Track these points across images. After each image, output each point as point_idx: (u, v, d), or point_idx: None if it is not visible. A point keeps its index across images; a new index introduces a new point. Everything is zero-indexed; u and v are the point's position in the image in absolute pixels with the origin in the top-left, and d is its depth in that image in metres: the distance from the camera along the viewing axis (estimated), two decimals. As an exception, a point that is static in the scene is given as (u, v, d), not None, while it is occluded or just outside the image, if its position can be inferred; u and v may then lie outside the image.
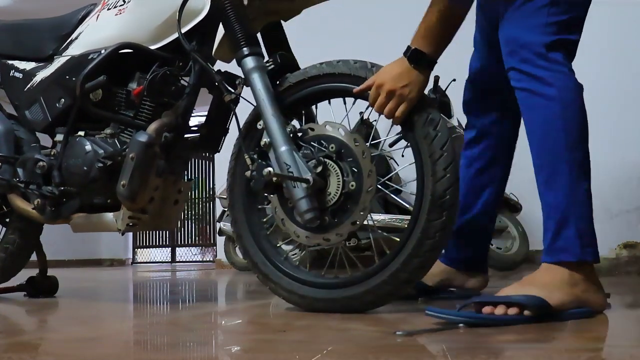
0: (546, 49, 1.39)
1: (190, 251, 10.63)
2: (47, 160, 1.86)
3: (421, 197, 1.42)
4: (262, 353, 0.99)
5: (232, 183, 1.72)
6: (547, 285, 1.31)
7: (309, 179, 1.44)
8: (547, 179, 1.39)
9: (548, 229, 1.37)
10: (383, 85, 1.46)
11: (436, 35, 1.49)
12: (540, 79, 1.38)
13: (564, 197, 1.36)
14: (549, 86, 1.38)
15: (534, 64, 1.39)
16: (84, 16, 1.94)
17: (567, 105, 1.38)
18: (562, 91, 1.37)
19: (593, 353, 0.94)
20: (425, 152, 1.42)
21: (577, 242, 1.33)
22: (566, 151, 1.37)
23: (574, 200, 1.36)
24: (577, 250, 1.33)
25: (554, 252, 1.35)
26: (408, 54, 1.48)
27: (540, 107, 1.39)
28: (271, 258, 1.65)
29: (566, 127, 1.37)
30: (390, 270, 1.45)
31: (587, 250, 1.34)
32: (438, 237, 1.41)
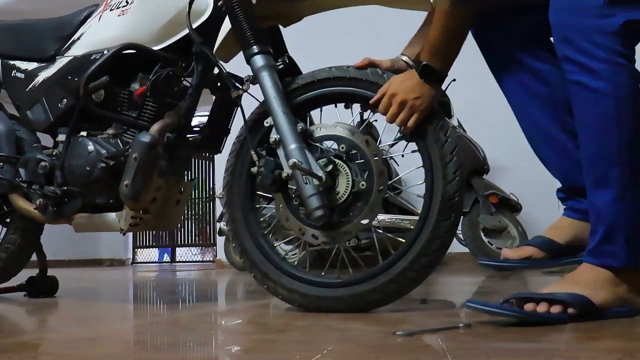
0: (604, 36, 1.24)
1: (190, 251, 10.64)
2: (49, 160, 1.86)
3: (431, 198, 1.46)
4: (262, 353, 0.99)
5: (230, 181, 1.72)
6: (590, 283, 1.27)
7: (321, 176, 1.46)
8: (597, 180, 1.29)
9: (595, 232, 1.29)
10: (396, 96, 1.47)
11: (442, 50, 1.49)
12: (594, 72, 1.25)
13: (613, 201, 1.26)
14: (603, 81, 1.24)
15: (590, 55, 1.24)
16: (87, 17, 1.95)
17: (621, 102, 1.24)
18: (618, 87, 1.24)
19: (592, 352, 0.94)
20: (436, 155, 1.47)
21: (624, 249, 1.26)
22: (619, 153, 1.25)
23: (624, 205, 1.26)
24: (622, 257, 1.26)
25: (599, 254, 1.28)
26: (419, 69, 1.48)
27: (592, 104, 1.27)
28: (270, 256, 1.65)
29: (620, 127, 1.25)
30: (397, 268, 1.47)
31: (632, 256, 1.27)
32: (446, 237, 1.45)
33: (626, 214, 1.26)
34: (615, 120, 1.25)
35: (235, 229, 1.70)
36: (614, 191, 1.25)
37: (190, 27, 1.62)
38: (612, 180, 1.25)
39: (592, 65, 1.24)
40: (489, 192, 3.95)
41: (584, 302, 1.23)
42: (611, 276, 1.27)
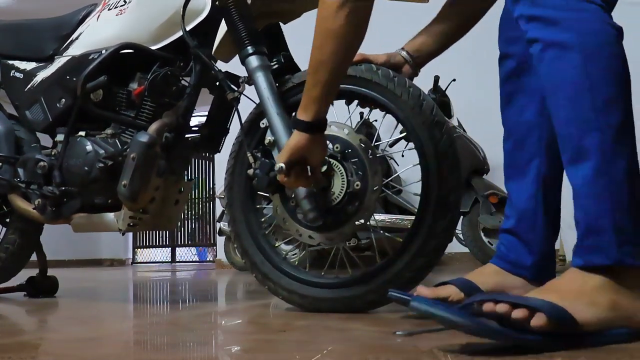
0: None
1: (190, 251, 10.64)
2: (47, 160, 1.86)
3: (427, 198, 1.44)
4: (262, 353, 0.99)
5: (230, 182, 1.72)
6: (572, 293, 0.98)
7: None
8: (572, 156, 1.03)
9: (577, 222, 1.04)
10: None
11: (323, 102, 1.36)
12: (555, 23, 1.04)
13: (594, 178, 1.00)
14: (566, 31, 1.03)
15: (545, 4, 1.05)
16: (85, 16, 1.95)
17: (591, 55, 1.02)
18: (585, 36, 1.03)
19: (592, 352, 0.94)
20: (431, 153, 1.44)
21: (613, 239, 0.98)
22: (595, 117, 1.00)
23: (609, 181, 1.00)
24: (613, 251, 0.98)
25: (584, 252, 1.02)
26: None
27: (555, 62, 1.04)
28: (270, 257, 1.65)
29: (592, 85, 1.01)
30: (394, 269, 1.46)
31: (626, 249, 0.98)
32: (443, 237, 1.43)
33: (612, 192, 1.00)
34: (585, 79, 1.02)
35: (236, 229, 1.70)
36: (593, 164, 1.00)
37: (184, 29, 1.61)
38: (589, 150, 1.01)
39: (550, 15, 1.04)
40: (489, 192, 3.95)
41: (561, 315, 0.93)
42: (604, 282, 0.99)
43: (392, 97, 1.49)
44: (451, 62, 4.97)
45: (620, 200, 1.00)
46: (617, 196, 1.00)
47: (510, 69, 1.44)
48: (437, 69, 4.52)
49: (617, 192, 1.00)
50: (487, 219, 3.88)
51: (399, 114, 1.49)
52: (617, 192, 1.00)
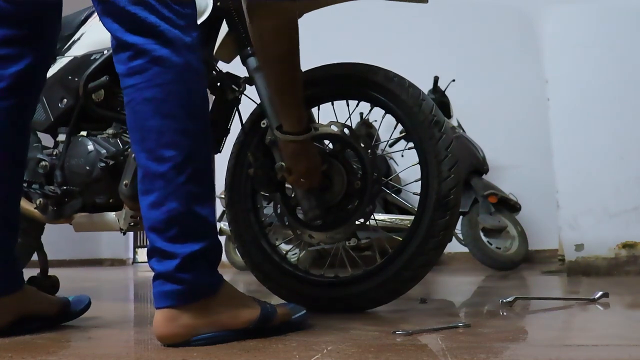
0: None
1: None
2: (49, 160, 1.86)
3: (426, 197, 1.44)
4: (262, 353, 0.99)
5: (231, 182, 1.73)
6: None
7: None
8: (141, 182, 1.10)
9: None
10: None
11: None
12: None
13: (152, 204, 1.08)
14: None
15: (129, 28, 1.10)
16: (87, 17, 1.95)
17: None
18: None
19: (592, 352, 0.94)
20: (431, 153, 1.44)
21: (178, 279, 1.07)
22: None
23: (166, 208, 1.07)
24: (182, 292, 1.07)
25: (157, 298, 1.09)
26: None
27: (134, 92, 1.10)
28: (271, 257, 1.65)
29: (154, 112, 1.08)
30: (394, 268, 1.46)
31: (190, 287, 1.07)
32: (442, 236, 1.43)
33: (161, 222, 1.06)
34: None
35: (236, 229, 1.71)
36: (157, 195, 1.07)
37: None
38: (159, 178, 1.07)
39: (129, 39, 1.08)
40: (489, 192, 3.95)
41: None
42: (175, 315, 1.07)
43: (392, 97, 1.49)
44: (451, 63, 5.01)
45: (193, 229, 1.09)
46: (187, 225, 1.09)
47: None
48: (436, 69, 4.55)
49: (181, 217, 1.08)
50: (486, 219, 3.89)
51: (398, 113, 1.49)
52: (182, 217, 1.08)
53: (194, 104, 1.10)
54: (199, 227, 1.09)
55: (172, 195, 1.06)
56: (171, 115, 1.07)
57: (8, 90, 1.25)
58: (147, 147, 1.08)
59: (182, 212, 1.07)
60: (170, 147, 1.06)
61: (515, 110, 4.86)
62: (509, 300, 1.60)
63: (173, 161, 1.06)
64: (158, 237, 1.07)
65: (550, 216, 3.67)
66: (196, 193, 1.08)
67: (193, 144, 1.08)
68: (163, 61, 1.07)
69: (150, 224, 1.08)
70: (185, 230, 1.07)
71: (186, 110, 1.08)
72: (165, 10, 1.09)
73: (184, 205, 1.07)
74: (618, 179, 2.89)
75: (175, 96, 1.07)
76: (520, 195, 4.28)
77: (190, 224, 1.08)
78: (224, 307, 1.12)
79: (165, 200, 1.06)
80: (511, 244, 3.95)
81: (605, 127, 2.95)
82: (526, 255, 4.01)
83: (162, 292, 1.08)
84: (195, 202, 1.08)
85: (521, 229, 4.03)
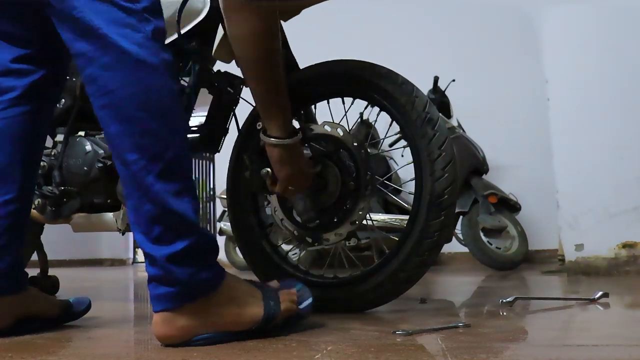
0: None
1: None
2: (47, 161, 1.86)
3: (420, 197, 1.42)
4: (262, 353, 0.99)
5: (231, 183, 1.72)
6: None
7: None
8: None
9: None
10: None
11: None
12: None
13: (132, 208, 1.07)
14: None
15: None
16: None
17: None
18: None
19: (592, 352, 0.94)
20: (424, 151, 1.42)
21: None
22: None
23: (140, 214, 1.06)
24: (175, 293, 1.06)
25: (153, 301, 1.08)
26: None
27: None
28: (271, 257, 1.65)
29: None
30: (389, 269, 1.45)
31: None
32: (437, 237, 1.41)
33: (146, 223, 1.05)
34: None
35: (237, 230, 1.71)
36: (133, 198, 1.06)
37: (179, 32, 1.61)
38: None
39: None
40: (488, 192, 3.95)
41: None
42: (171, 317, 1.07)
43: (385, 94, 1.47)
44: (451, 63, 5.01)
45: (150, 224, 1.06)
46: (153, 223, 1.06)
47: None
48: (436, 69, 4.55)
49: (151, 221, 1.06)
50: (486, 219, 3.89)
51: (392, 111, 1.48)
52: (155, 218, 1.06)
53: (153, 101, 1.06)
54: (179, 225, 1.06)
55: (144, 198, 1.04)
56: (128, 119, 1.04)
57: (21, 98, 1.26)
58: (115, 153, 1.07)
59: (158, 213, 1.04)
60: (132, 151, 1.04)
61: (515, 110, 4.86)
62: (509, 300, 1.60)
63: (137, 164, 1.04)
64: (144, 240, 1.06)
65: (550, 216, 3.67)
66: (169, 191, 1.05)
67: (157, 142, 1.05)
68: (111, 66, 1.05)
69: (135, 228, 1.07)
70: (166, 230, 1.05)
71: (145, 111, 1.05)
72: (113, 8, 1.06)
73: (158, 206, 1.04)
74: (618, 179, 2.89)
75: (131, 99, 1.04)
76: (520, 195, 4.28)
77: (169, 223, 1.05)
78: (224, 307, 1.09)
79: (141, 203, 1.05)
80: (511, 244, 3.95)
81: (605, 127, 2.94)
82: (526, 255, 4.01)
83: (156, 295, 1.07)
84: (169, 200, 1.05)
85: (521, 229, 4.03)
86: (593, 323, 1.36)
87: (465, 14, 5.14)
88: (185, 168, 1.10)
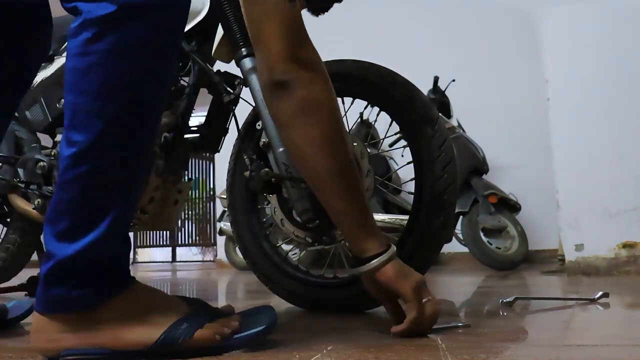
0: None
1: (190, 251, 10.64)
2: (47, 161, 1.86)
3: (420, 197, 1.42)
4: (262, 353, 0.99)
5: (231, 183, 1.73)
6: None
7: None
8: None
9: None
10: None
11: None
12: None
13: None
14: None
15: None
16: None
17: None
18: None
19: (592, 352, 0.94)
20: (423, 151, 1.41)
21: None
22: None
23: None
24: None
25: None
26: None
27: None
28: (271, 257, 1.65)
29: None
30: None
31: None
32: (437, 237, 1.41)
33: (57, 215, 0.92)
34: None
35: (237, 230, 1.71)
36: (57, 181, 0.93)
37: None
38: None
39: None
40: (488, 192, 3.95)
41: None
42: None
43: (384, 94, 1.47)
44: (451, 63, 5.01)
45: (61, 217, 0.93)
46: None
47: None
48: (436, 69, 4.55)
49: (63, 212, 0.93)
50: (486, 219, 3.89)
51: (391, 111, 1.48)
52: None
53: (122, 84, 0.91)
54: (86, 227, 0.91)
55: (67, 184, 0.90)
56: (89, 93, 0.90)
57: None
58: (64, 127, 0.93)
59: (72, 206, 0.91)
60: (79, 130, 0.90)
61: (515, 110, 4.86)
62: (509, 300, 1.60)
63: (78, 146, 0.89)
64: (48, 229, 0.92)
65: (550, 216, 3.67)
66: (96, 186, 0.91)
67: (106, 128, 0.90)
68: (97, 24, 0.89)
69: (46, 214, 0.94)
70: (71, 227, 0.91)
71: (107, 89, 0.90)
72: None
73: (77, 198, 0.91)
74: (618, 179, 2.89)
75: (100, 71, 0.89)
76: (520, 195, 4.28)
77: (76, 221, 0.91)
78: (107, 322, 0.94)
79: (62, 189, 0.91)
80: (511, 244, 3.95)
81: (605, 127, 2.94)
82: (526, 255, 4.01)
83: (37, 293, 0.94)
84: (91, 197, 0.91)
85: (521, 229, 4.03)
86: (593, 323, 1.36)
87: (465, 14, 5.15)
88: (128, 170, 0.94)
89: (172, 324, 0.96)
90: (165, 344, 0.94)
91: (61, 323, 0.93)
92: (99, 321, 0.94)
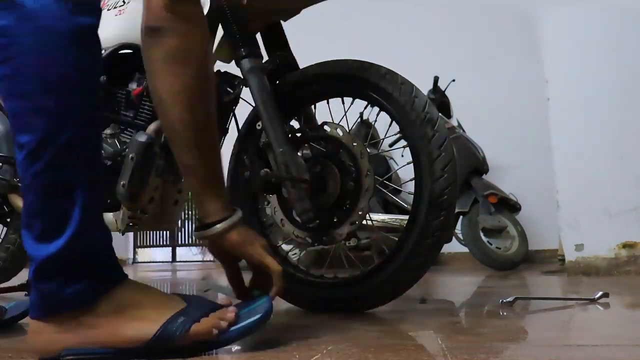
0: None
1: (190, 251, 10.64)
2: (47, 161, 1.86)
3: (419, 197, 1.42)
4: (262, 353, 0.99)
5: (231, 183, 1.72)
6: None
7: (306, 179, 1.44)
8: None
9: None
10: None
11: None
12: None
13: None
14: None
15: None
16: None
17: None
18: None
19: (592, 352, 0.94)
20: (423, 151, 1.41)
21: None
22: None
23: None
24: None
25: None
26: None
27: None
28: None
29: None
30: (389, 270, 1.45)
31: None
32: (437, 237, 1.41)
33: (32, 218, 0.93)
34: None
35: None
36: (23, 186, 0.94)
37: None
38: None
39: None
40: (488, 192, 3.95)
41: None
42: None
43: (384, 94, 1.47)
44: (451, 63, 5.01)
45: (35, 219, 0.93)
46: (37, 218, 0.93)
47: None
48: (437, 69, 4.55)
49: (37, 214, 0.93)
50: (486, 219, 3.89)
51: (391, 111, 1.48)
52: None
53: (53, 76, 0.90)
54: (58, 225, 0.91)
55: (29, 187, 0.91)
56: (24, 95, 0.90)
57: None
58: (12, 133, 0.93)
59: (39, 207, 0.91)
60: (24, 132, 0.90)
61: (515, 110, 4.86)
62: (509, 300, 1.60)
63: (27, 148, 0.90)
64: (26, 234, 0.93)
65: (550, 216, 3.67)
66: (55, 182, 0.91)
67: (50, 123, 0.90)
68: (7, 30, 0.89)
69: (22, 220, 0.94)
70: (44, 229, 0.91)
71: (41, 85, 0.90)
72: None
73: (41, 198, 0.91)
74: (618, 179, 2.89)
75: (28, 70, 0.89)
76: (520, 195, 4.28)
77: (48, 221, 0.91)
78: (103, 318, 0.94)
79: (26, 193, 0.91)
80: (511, 244, 3.95)
81: (605, 127, 2.94)
82: (526, 255, 4.01)
83: (30, 300, 0.95)
84: (53, 193, 0.91)
85: (521, 229, 4.03)
86: (593, 323, 1.36)
87: (465, 14, 5.14)
88: (80, 158, 0.93)
89: (168, 319, 0.96)
90: (162, 339, 0.94)
91: (56, 324, 0.93)
92: (95, 318, 0.94)
